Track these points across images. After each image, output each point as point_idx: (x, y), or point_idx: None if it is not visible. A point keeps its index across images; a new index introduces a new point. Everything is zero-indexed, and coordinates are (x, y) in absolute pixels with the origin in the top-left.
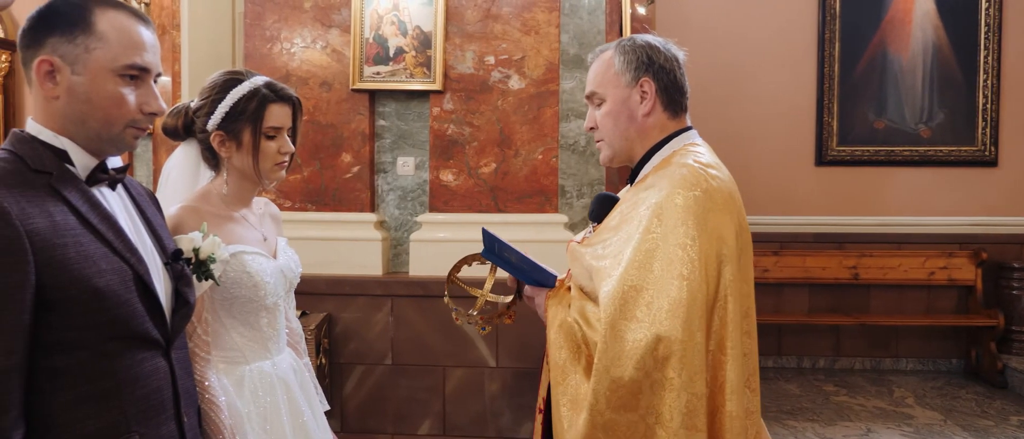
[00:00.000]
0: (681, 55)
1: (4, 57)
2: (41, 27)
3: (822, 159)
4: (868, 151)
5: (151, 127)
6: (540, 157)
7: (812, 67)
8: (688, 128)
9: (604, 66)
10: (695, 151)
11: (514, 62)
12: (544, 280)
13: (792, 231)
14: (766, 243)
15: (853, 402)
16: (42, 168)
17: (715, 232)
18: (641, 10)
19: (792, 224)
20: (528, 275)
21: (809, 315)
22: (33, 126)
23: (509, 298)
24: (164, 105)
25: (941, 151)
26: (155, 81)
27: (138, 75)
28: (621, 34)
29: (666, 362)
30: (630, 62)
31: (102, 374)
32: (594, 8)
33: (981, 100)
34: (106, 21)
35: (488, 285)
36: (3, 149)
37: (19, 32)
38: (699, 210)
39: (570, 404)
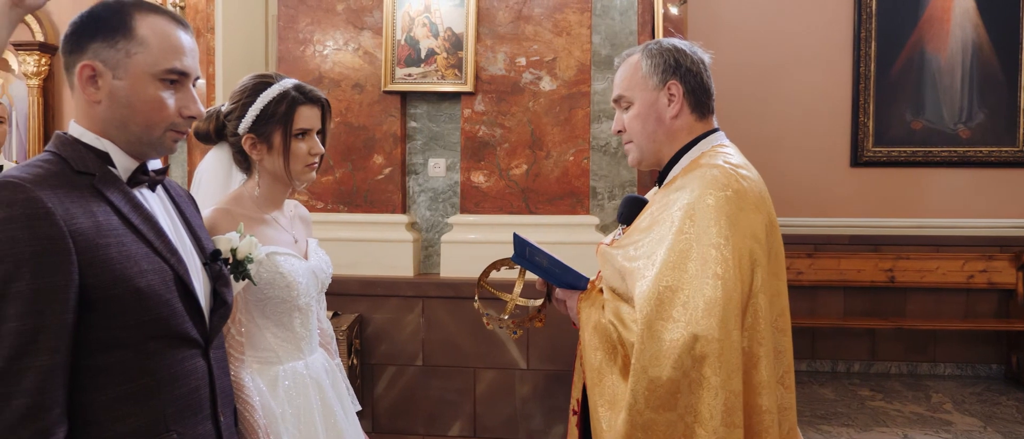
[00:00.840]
0: (707, 58)
1: (43, 60)
2: (83, 33)
3: (857, 160)
4: (905, 152)
5: (190, 130)
6: (571, 159)
7: (847, 67)
8: (715, 130)
9: (631, 70)
10: (724, 152)
11: (545, 63)
12: (575, 283)
13: (827, 233)
14: (800, 245)
15: (889, 407)
16: (85, 169)
17: (747, 231)
18: (674, 10)
19: (827, 226)
20: (559, 278)
21: (844, 318)
22: (75, 129)
23: (539, 302)
24: (202, 108)
25: (981, 152)
26: (193, 84)
27: (178, 79)
28: (653, 35)
29: (703, 361)
30: (657, 65)
31: (142, 373)
32: (626, 9)
33: (1023, 100)
34: (146, 26)
35: (517, 289)
36: (47, 151)
37: (61, 37)
38: (731, 210)
39: (608, 405)
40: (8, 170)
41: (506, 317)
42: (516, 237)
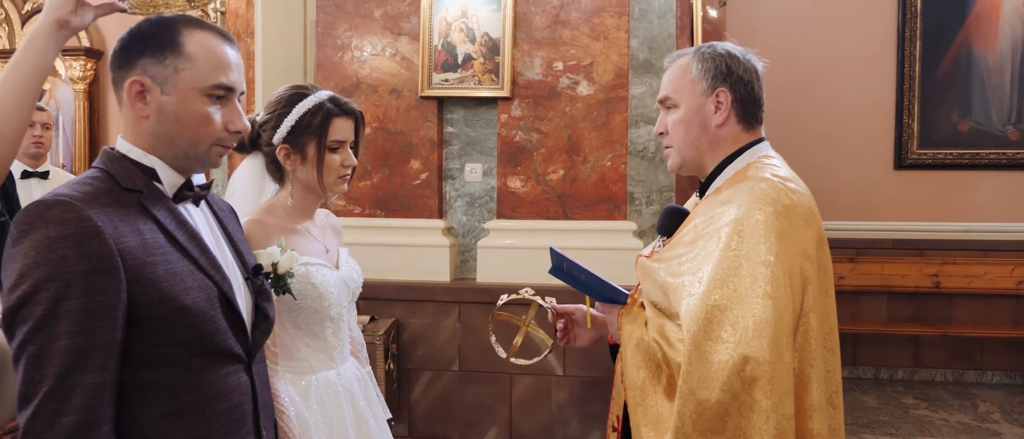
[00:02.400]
0: (760, 66)
1: (89, 65)
2: (132, 49)
3: (901, 162)
4: (951, 154)
5: (235, 144)
6: (609, 164)
7: (891, 67)
8: (761, 139)
9: (680, 72)
10: (771, 164)
11: (582, 68)
12: (614, 297)
13: (869, 237)
14: (842, 249)
15: (934, 416)
16: (132, 186)
17: (798, 248)
18: (712, 13)
19: (869, 230)
20: (597, 292)
21: (887, 324)
22: (123, 144)
23: (550, 342)
24: (247, 123)
25: None
26: (238, 99)
27: (224, 94)
28: (692, 38)
29: (754, 384)
30: (708, 70)
31: (188, 389)
32: (664, 12)
33: None
34: (194, 42)
35: (529, 316)
36: (95, 168)
37: (111, 53)
38: (780, 226)
39: (652, 426)
40: (59, 188)
41: (516, 346)
42: (553, 251)
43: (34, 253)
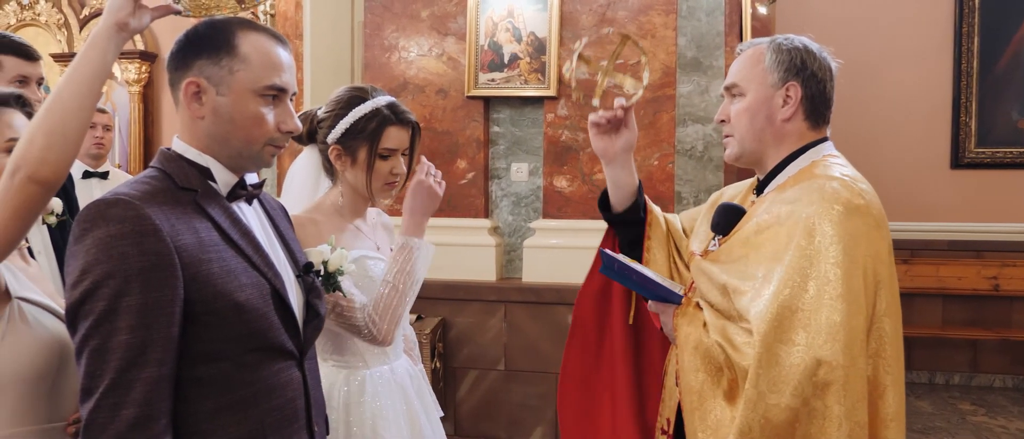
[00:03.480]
0: (835, 65)
1: (144, 67)
2: (189, 50)
3: (958, 162)
4: (1011, 153)
5: (286, 144)
6: (656, 163)
7: (948, 64)
8: (826, 138)
9: (752, 60)
10: (837, 163)
11: (629, 67)
12: (669, 296)
13: (924, 238)
14: (895, 251)
15: (993, 423)
16: (188, 185)
17: (870, 249)
18: (762, 10)
19: (924, 231)
20: (651, 292)
21: (943, 328)
22: (179, 144)
23: (638, 88)
24: (299, 124)
25: None
26: (290, 100)
27: (277, 95)
28: (741, 36)
29: (826, 389)
30: (781, 62)
31: (242, 384)
32: (712, 9)
33: None
34: (248, 43)
35: (617, 52)
36: (152, 167)
37: (168, 55)
38: (853, 227)
39: (711, 432)
40: (118, 187)
41: (595, 102)
42: (603, 253)
43: (95, 250)
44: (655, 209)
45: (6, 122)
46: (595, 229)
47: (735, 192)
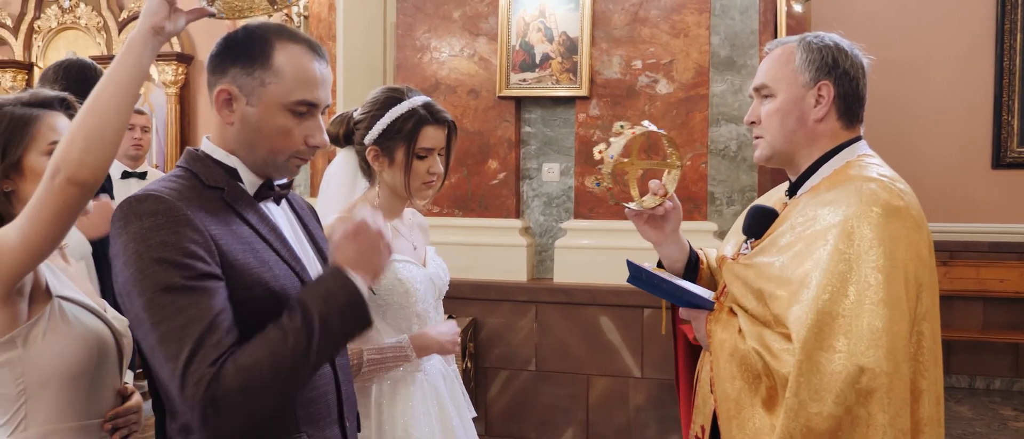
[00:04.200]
0: (866, 62)
1: (180, 69)
2: (225, 57)
3: (1000, 161)
4: None
5: (313, 156)
6: (689, 163)
7: (989, 61)
8: (859, 138)
9: (782, 59)
10: (873, 163)
11: (662, 66)
12: (699, 302)
13: (964, 239)
14: (935, 252)
15: None
16: (215, 184)
17: (912, 252)
18: (797, 7)
19: (965, 232)
20: (681, 299)
21: (983, 331)
22: (207, 144)
23: (657, 203)
24: (327, 139)
25: None
26: (323, 113)
27: (306, 110)
28: (775, 34)
29: (869, 397)
30: (812, 61)
31: None
32: (746, 8)
33: None
34: (284, 56)
35: (635, 151)
36: (179, 167)
37: (207, 57)
38: (893, 229)
39: None
40: (146, 185)
41: (642, 203)
42: (630, 263)
43: (133, 245)
44: (708, 255)
45: (49, 125)
46: (627, 230)
47: (769, 197)
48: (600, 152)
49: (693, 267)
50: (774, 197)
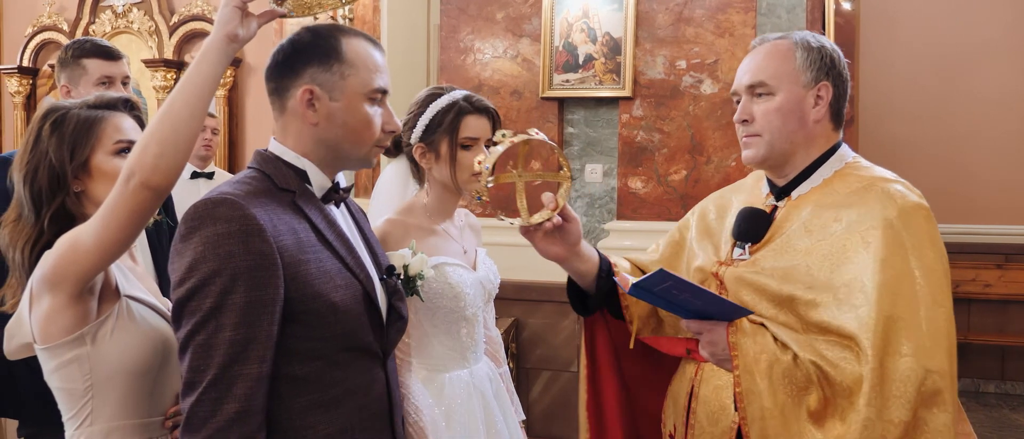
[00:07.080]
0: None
1: (230, 72)
2: (297, 58)
3: None
4: None
5: (389, 144)
6: (733, 164)
7: None
8: (842, 140)
9: (781, 58)
10: (871, 164)
11: (706, 66)
12: (732, 312)
13: (1019, 242)
14: (989, 255)
15: None
16: (287, 186)
17: (942, 250)
18: (846, 5)
19: (1019, 234)
20: (713, 308)
21: None
22: (276, 147)
23: (565, 179)
24: (400, 123)
25: None
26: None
27: (380, 97)
28: (824, 33)
29: (934, 398)
30: (814, 62)
31: (333, 382)
32: (793, 6)
33: None
34: (351, 48)
35: (520, 162)
36: (251, 168)
37: (269, 64)
38: (929, 229)
39: None
40: (221, 186)
41: (530, 221)
42: (661, 272)
43: (202, 248)
44: (621, 261)
45: (115, 125)
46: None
47: (732, 198)
48: (479, 163)
49: (606, 276)
50: (746, 198)
